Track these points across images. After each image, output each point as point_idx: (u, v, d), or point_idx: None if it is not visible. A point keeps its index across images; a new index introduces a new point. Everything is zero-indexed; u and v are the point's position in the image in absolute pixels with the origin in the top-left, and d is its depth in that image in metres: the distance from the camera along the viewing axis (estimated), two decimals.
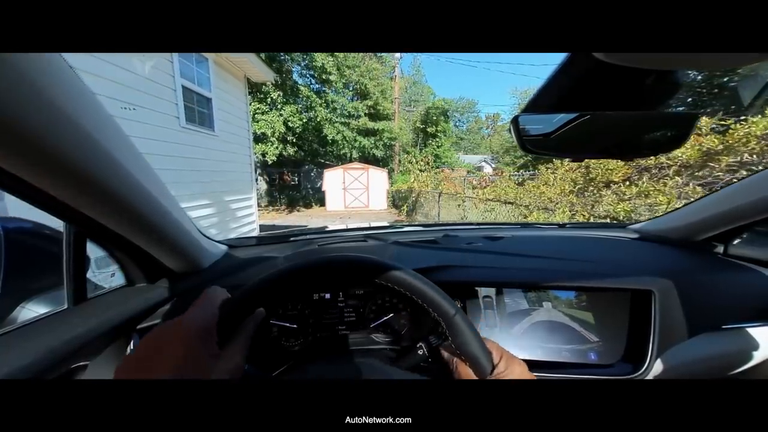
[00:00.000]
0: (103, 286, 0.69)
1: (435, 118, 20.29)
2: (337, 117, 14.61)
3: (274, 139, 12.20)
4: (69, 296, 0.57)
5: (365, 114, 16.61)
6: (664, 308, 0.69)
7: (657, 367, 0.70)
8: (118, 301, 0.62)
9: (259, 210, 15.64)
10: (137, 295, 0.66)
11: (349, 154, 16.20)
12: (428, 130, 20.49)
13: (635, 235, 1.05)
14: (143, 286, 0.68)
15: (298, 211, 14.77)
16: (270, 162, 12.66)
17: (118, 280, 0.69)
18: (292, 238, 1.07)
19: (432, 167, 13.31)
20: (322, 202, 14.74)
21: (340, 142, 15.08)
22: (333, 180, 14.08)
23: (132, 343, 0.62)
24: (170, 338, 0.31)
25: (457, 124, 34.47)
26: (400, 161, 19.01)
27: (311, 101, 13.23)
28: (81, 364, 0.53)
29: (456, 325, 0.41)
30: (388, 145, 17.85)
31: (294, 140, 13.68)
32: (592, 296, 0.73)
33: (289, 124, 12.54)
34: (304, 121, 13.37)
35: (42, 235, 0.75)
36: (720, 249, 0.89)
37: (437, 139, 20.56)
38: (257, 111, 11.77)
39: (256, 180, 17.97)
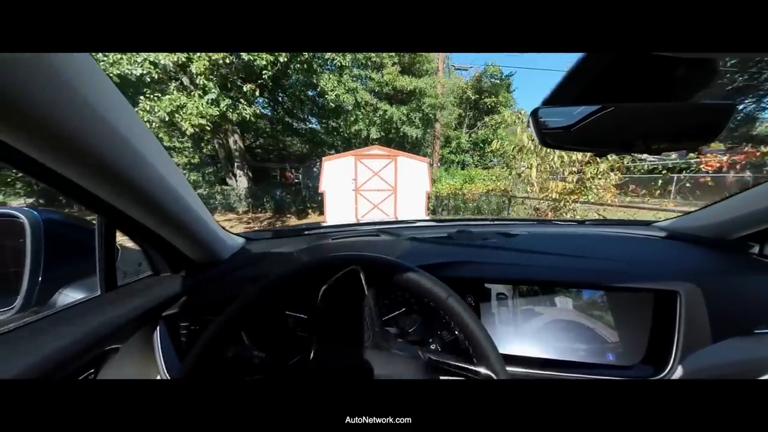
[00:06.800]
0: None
1: (498, 83, 13.67)
2: (345, 64, 8.32)
3: (206, 80, 5.83)
4: (101, 284, 0.61)
5: (392, 63, 10.28)
6: (691, 310, 0.68)
7: (680, 371, 0.68)
8: (144, 290, 0.67)
9: (228, 220, 10.07)
10: (162, 284, 0.71)
11: (365, 132, 9.92)
12: (486, 101, 13.90)
13: (662, 234, 1.05)
14: (167, 275, 0.74)
15: (281, 222, 9.23)
16: (189, 132, 6.11)
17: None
18: (306, 232, 1.13)
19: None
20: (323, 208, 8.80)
21: (351, 110, 8.90)
22: (336, 174, 8.02)
23: (158, 329, 0.67)
24: None
25: None
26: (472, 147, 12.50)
27: None
28: (113, 347, 0.57)
29: (451, 309, 0.45)
30: (429, 118, 11.38)
31: (254, 91, 7.06)
32: (611, 295, 0.73)
33: (246, 58, 6.20)
34: (276, 57, 6.61)
35: (75, 226, 0.85)
36: (755, 249, 0.87)
37: (495, 117, 13.83)
38: None
39: (234, 174, 11.95)
